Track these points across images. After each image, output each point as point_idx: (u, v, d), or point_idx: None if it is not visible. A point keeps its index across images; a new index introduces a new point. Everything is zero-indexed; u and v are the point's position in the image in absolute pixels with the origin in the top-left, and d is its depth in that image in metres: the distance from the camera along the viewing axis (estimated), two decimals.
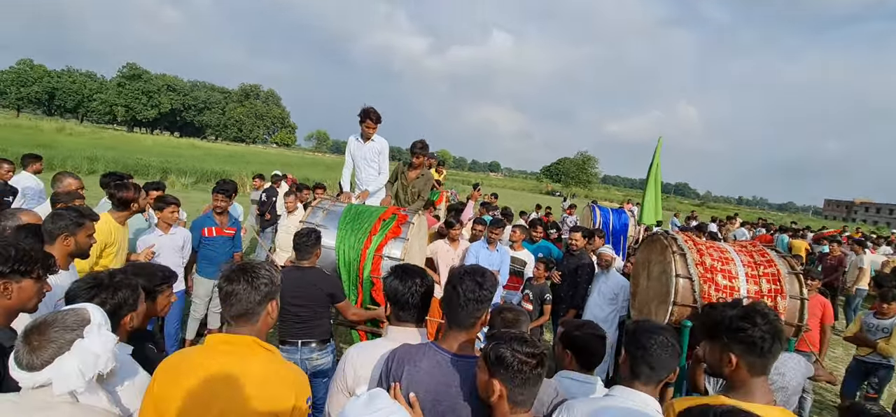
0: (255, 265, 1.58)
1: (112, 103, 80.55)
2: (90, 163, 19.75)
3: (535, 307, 4.64)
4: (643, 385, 1.57)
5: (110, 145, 32.52)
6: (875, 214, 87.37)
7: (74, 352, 1.28)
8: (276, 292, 1.61)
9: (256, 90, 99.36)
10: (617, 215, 9.39)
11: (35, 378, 1.26)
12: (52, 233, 2.33)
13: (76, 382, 1.28)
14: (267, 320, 1.61)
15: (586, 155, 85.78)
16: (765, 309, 1.58)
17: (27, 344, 1.28)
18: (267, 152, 62.79)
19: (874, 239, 15.03)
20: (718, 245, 3.76)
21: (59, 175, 4.25)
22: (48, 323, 1.31)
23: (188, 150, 39.86)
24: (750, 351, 1.53)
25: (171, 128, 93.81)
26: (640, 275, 4.15)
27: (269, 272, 1.59)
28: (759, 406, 1.50)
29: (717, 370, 1.64)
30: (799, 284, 3.46)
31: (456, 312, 1.65)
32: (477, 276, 1.66)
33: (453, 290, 1.64)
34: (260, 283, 1.54)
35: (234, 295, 1.52)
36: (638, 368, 1.58)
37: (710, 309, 1.74)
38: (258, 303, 1.55)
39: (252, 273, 1.55)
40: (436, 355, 1.64)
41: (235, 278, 1.53)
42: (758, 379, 1.55)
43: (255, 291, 1.54)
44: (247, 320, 1.55)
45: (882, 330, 4.37)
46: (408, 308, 1.85)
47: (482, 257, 4.79)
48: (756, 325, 1.52)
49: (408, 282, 1.85)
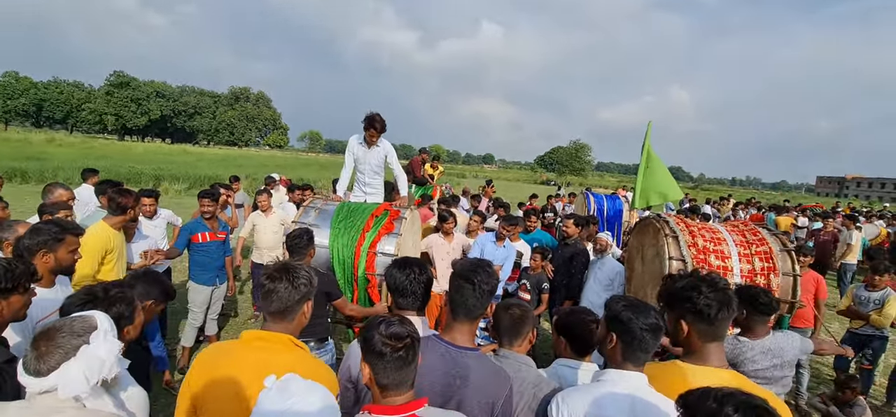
0: (295, 265, 1.65)
1: (101, 112, 79.80)
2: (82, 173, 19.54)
3: (532, 296, 4.66)
4: (634, 365, 1.57)
5: (101, 155, 32.21)
6: (867, 189, 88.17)
7: (80, 358, 1.30)
8: (312, 292, 1.67)
9: (246, 93, 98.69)
10: (611, 201, 9.43)
11: (42, 384, 1.27)
12: (30, 249, 2.21)
13: (80, 387, 1.29)
14: (301, 319, 1.66)
15: (579, 143, 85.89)
16: (714, 279, 1.63)
17: (35, 350, 1.30)
18: (260, 155, 62.45)
19: (866, 213, 15.19)
20: (710, 226, 3.79)
21: (50, 186, 4.17)
22: (56, 328, 1.33)
23: (180, 156, 39.57)
24: (699, 319, 1.60)
25: (162, 135, 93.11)
26: (635, 259, 4.18)
27: (308, 273, 1.66)
28: (712, 369, 1.58)
29: (674, 338, 1.72)
30: (791, 261, 3.50)
31: (468, 304, 1.67)
32: (487, 268, 1.72)
33: (467, 283, 1.66)
34: (300, 283, 1.61)
35: (276, 292, 1.57)
36: (625, 350, 1.57)
37: (668, 281, 1.77)
38: (297, 302, 1.61)
39: (293, 272, 1.61)
40: (439, 347, 1.66)
41: (278, 277, 1.59)
42: (710, 345, 1.63)
43: (295, 290, 1.59)
44: (283, 317, 1.61)
45: (874, 302, 4.42)
46: (407, 295, 1.93)
47: (488, 251, 4.82)
48: (702, 294, 1.58)
49: (408, 271, 1.94)
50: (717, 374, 1.56)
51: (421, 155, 9.07)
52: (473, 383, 1.57)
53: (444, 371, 1.60)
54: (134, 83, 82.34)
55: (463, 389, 1.57)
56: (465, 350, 1.64)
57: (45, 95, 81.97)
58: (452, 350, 1.64)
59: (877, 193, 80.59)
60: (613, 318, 1.58)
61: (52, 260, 2.27)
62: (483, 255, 4.92)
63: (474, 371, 1.59)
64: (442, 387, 1.59)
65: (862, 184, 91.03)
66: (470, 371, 1.59)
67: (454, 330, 1.69)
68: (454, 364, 1.61)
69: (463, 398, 1.56)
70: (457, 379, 1.59)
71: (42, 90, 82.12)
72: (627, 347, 1.55)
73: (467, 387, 1.57)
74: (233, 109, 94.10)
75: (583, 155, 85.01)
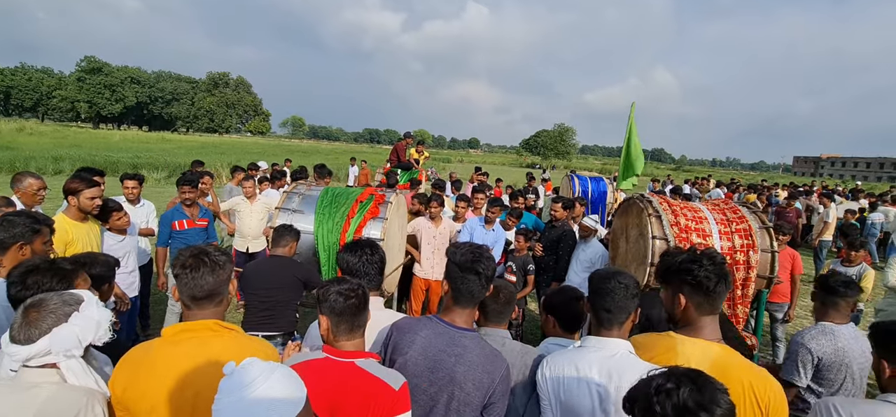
0: (204, 248, 1.57)
1: (73, 99, 77.30)
2: (55, 163, 18.83)
3: (518, 278, 4.69)
4: (608, 330, 1.67)
5: (75, 143, 31.21)
6: (841, 168, 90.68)
7: (72, 321, 1.39)
8: (232, 269, 1.61)
9: (225, 78, 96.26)
10: (595, 183, 9.53)
11: (29, 350, 1.32)
12: (4, 244, 2.12)
13: (72, 344, 1.38)
14: (227, 300, 1.61)
15: (564, 126, 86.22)
16: (713, 253, 1.67)
17: (25, 317, 1.36)
18: (242, 141, 61.26)
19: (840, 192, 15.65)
20: (692, 205, 3.85)
21: (19, 175, 3.99)
22: (46, 299, 1.40)
23: (159, 144, 38.59)
24: (697, 291, 1.63)
25: (139, 123, 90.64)
26: (620, 239, 4.23)
27: (220, 250, 1.59)
28: (704, 342, 1.62)
29: (671, 312, 1.74)
30: (770, 238, 3.58)
31: (473, 293, 1.69)
32: (488, 256, 1.72)
33: (474, 274, 1.66)
34: (220, 259, 1.54)
35: (200, 279, 1.49)
36: (600, 315, 1.68)
37: (664, 256, 1.82)
38: (224, 283, 1.55)
39: (210, 256, 1.53)
40: (437, 326, 1.70)
41: (195, 264, 1.50)
42: (706, 318, 1.65)
43: (221, 269, 1.53)
44: (210, 301, 1.53)
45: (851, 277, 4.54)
46: (361, 276, 1.96)
47: (477, 235, 4.81)
48: (702, 266, 1.61)
49: (359, 253, 2.00)
50: (709, 347, 1.60)
51: (405, 139, 8.99)
52: (468, 361, 1.61)
53: (439, 348, 1.64)
54: (107, 69, 79.78)
55: (456, 366, 1.60)
56: (463, 331, 1.68)
57: (13, 82, 79.04)
58: (451, 330, 1.68)
59: (850, 172, 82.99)
60: (589, 288, 1.73)
61: (29, 252, 2.19)
62: (473, 239, 4.93)
63: (470, 351, 1.63)
64: (433, 362, 1.63)
65: (836, 162, 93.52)
66: (466, 351, 1.62)
67: (454, 313, 1.72)
68: (451, 343, 1.65)
69: (455, 374, 1.59)
70: (451, 357, 1.62)
71: (9, 77, 79.16)
72: (597, 311, 1.69)
73: (461, 365, 1.60)
74: (212, 95, 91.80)
75: (567, 138, 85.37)
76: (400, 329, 1.74)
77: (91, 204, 3.37)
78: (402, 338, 1.70)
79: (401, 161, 8.71)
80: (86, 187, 3.32)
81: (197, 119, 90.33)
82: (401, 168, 8.57)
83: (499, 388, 1.63)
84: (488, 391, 1.61)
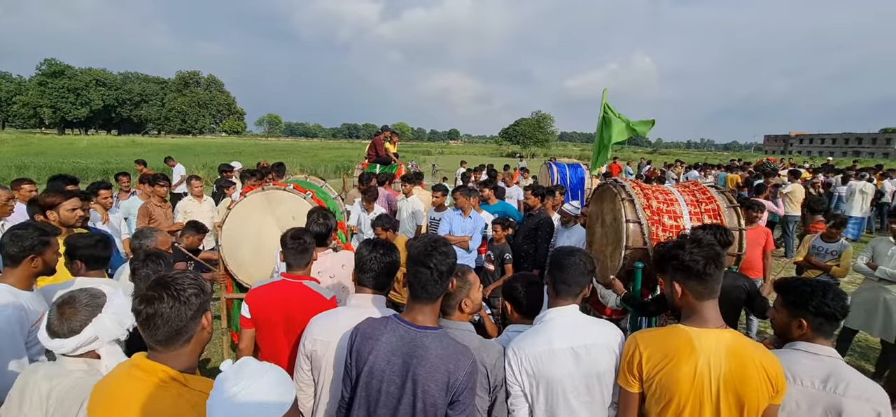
0: (174, 276, 1.35)
1: (35, 104, 74.31)
2: (19, 171, 18.21)
3: (496, 267, 4.74)
4: (565, 300, 1.82)
5: (39, 150, 30.06)
6: (809, 144, 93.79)
7: (106, 310, 1.55)
8: (208, 302, 1.41)
9: (196, 77, 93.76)
10: (573, 170, 9.67)
11: (73, 342, 1.49)
12: (17, 258, 2.09)
13: (117, 330, 1.56)
14: (201, 336, 1.40)
15: (541, 114, 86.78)
16: (699, 236, 1.72)
17: (61, 314, 1.49)
18: (216, 141, 59.87)
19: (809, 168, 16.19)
20: (663, 188, 3.94)
21: None
22: (75, 295, 1.54)
23: (129, 148, 37.44)
24: (688, 275, 1.64)
25: (107, 127, 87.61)
26: (595, 225, 4.32)
27: (194, 279, 1.37)
28: (715, 331, 1.62)
29: (672, 303, 1.73)
30: (737, 216, 3.70)
31: (427, 288, 1.62)
32: (442, 248, 1.65)
33: (424, 268, 1.60)
34: (188, 295, 1.32)
35: (160, 316, 1.28)
36: (557, 286, 1.84)
37: (658, 247, 1.91)
38: (191, 320, 1.33)
39: (176, 286, 1.31)
40: (398, 328, 1.63)
41: (157, 296, 1.29)
42: (706, 303, 1.65)
43: (184, 306, 1.31)
44: (175, 342, 1.32)
45: (831, 253, 4.65)
46: (366, 271, 1.99)
47: (456, 224, 4.86)
48: (686, 249, 1.64)
49: (372, 250, 2.02)
50: (721, 334, 1.62)
51: (383, 133, 8.93)
52: (429, 363, 1.55)
53: (400, 351, 1.58)
54: (69, 72, 76.78)
55: (418, 368, 1.55)
56: (425, 330, 1.62)
57: None
58: (412, 330, 1.62)
59: (817, 149, 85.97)
60: (549, 264, 1.90)
61: (41, 263, 2.16)
62: (451, 229, 4.96)
63: (431, 350, 1.57)
64: (395, 366, 1.57)
65: (804, 140, 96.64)
66: (427, 352, 1.56)
67: (414, 311, 1.66)
68: (411, 344, 1.58)
69: (418, 377, 1.54)
70: (412, 359, 1.56)
71: None
72: (555, 283, 1.84)
73: (423, 366, 1.55)
74: (182, 95, 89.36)
75: (545, 125, 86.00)
76: (363, 335, 1.66)
77: (73, 216, 3.10)
78: (364, 345, 1.63)
79: (379, 156, 8.63)
80: (63, 199, 3.09)
81: (168, 120, 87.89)
82: (379, 163, 8.50)
83: (462, 384, 1.55)
84: (452, 389, 1.54)
